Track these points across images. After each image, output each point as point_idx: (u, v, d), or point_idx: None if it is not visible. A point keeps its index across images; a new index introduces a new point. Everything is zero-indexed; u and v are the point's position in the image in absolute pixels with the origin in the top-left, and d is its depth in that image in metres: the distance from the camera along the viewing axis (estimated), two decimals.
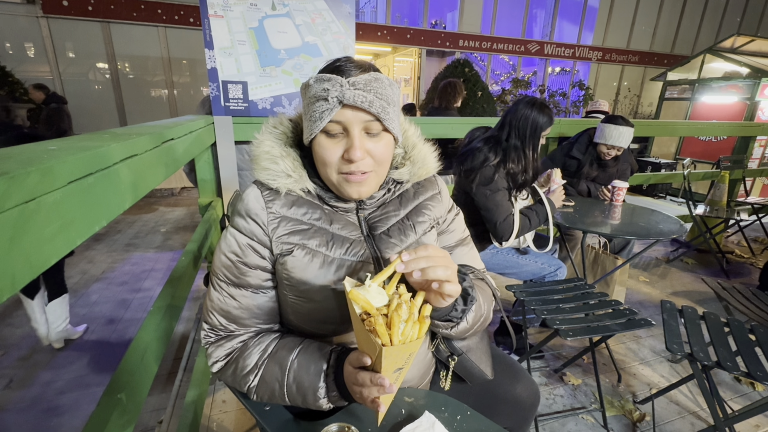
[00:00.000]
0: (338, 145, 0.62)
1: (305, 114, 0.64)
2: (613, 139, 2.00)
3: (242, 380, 0.64)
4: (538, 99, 1.53)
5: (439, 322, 0.63)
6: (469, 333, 0.68)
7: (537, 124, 1.49)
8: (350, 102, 0.59)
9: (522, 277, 1.68)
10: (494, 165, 1.49)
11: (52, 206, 0.48)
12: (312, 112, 0.61)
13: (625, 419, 1.48)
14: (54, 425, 1.68)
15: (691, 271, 2.92)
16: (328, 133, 0.62)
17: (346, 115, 0.60)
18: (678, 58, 11.26)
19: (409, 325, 0.51)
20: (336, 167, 0.64)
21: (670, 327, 1.27)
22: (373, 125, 0.62)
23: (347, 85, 0.59)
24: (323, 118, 0.60)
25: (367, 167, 0.63)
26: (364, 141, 0.62)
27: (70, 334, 2.22)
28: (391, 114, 0.63)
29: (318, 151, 0.64)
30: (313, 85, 0.61)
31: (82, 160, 0.57)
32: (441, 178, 0.84)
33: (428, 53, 10.04)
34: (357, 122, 0.61)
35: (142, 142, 0.83)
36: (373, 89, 0.60)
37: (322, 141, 0.63)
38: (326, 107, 0.59)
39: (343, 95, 0.59)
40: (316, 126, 0.61)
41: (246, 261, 0.65)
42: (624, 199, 2.04)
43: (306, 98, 0.64)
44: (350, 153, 0.61)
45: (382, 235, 0.71)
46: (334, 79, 0.59)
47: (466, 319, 0.64)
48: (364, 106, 0.59)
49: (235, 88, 1.79)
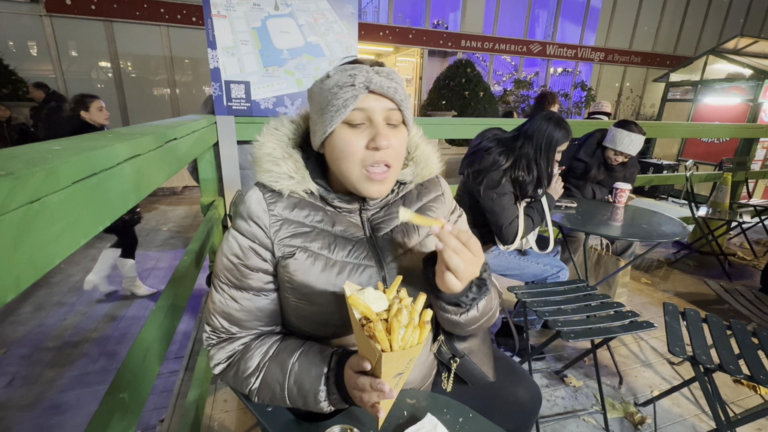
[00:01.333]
0: (361, 135, 0.61)
1: (319, 110, 0.62)
2: (623, 146, 1.97)
3: (244, 382, 0.64)
4: (556, 114, 1.53)
5: (447, 306, 0.63)
6: (476, 326, 0.68)
7: (552, 139, 1.48)
8: (377, 88, 0.59)
9: (524, 278, 1.68)
10: (504, 169, 1.48)
11: (56, 206, 0.48)
12: (332, 103, 0.60)
13: (627, 421, 1.48)
14: (56, 423, 1.69)
15: (693, 273, 2.91)
16: (350, 123, 0.61)
17: (370, 103, 0.60)
18: (680, 59, 11.23)
19: (410, 330, 0.51)
20: (360, 160, 0.62)
21: (672, 329, 1.26)
22: (394, 115, 0.62)
23: (372, 72, 0.59)
24: (347, 105, 0.59)
25: (390, 158, 0.63)
26: (387, 131, 0.62)
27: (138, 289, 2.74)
28: (408, 106, 0.64)
29: (338, 145, 0.62)
30: (333, 76, 0.61)
31: (87, 160, 0.57)
32: (444, 179, 0.84)
33: (430, 53, 10.04)
34: (380, 110, 0.61)
35: (146, 141, 0.83)
36: (394, 80, 0.61)
37: (344, 133, 0.61)
38: (352, 93, 0.58)
39: (370, 80, 0.59)
40: (338, 115, 0.59)
41: (247, 264, 0.65)
42: (627, 202, 2.03)
43: (323, 91, 0.61)
44: (377, 140, 0.60)
45: (384, 237, 0.70)
46: (359, 67, 0.60)
47: (477, 307, 0.64)
48: (389, 93, 0.60)
49: (237, 88, 1.80)
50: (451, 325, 0.68)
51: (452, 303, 0.63)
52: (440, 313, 0.66)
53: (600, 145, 2.13)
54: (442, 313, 0.65)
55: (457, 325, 0.67)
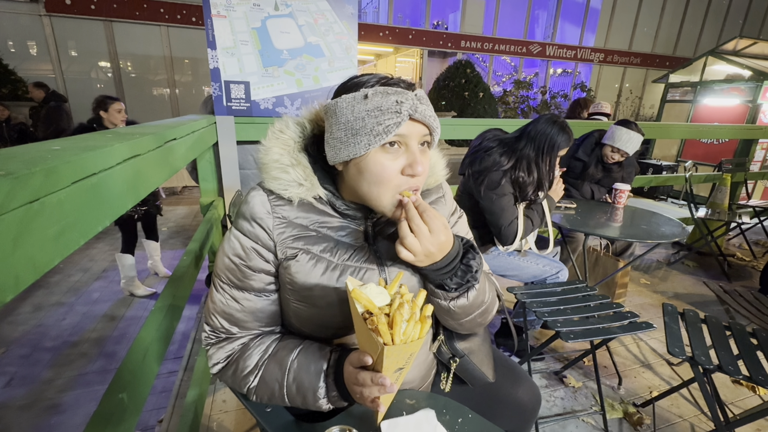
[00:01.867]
0: (396, 161, 0.60)
1: (350, 130, 0.59)
2: (621, 143, 1.98)
3: (242, 381, 0.64)
4: (560, 118, 1.52)
5: (434, 287, 0.64)
6: (470, 317, 0.68)
7: (554, 143, 1.48)
8: (420, 116, 0.58)
9: (523, 279, 1.68)
10: (504, 170, 1.48)
11: (55, 206, 0.48)
12: (371, 128, 0.58)
13: (626, 422, 1.48)
14: (54, 423, 1.68)
15: (693, 274, 2.92)
16: (386, 146, 0.59)
17: (409, 129, 0.59)
18: (680, 60, 11.25)
19: (411, 324, 0.52)
20: (395, 185, 0.60)
21: (671, 330, 1.27)
22: (427, 139, 0.62)
23: (416, 100, 0.59)
24: (389, 131, 0.57)
25: (421, 182, 0.63)
26: (420, 155, 0.61)
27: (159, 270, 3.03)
28: (437, 130, 0.63)
29: (372, 169, 0.60)
30: (372, 98, 0.58)
31: (86, 161, 0.57)
32: (445, 181, 0.84)
33: (430, 54, 10.05)
34: (417, 136, 0.60)
35: (145, 142, 0.83)
36: (429, 104, 0.61)
37: (379, 157, 0.60)
38: (395, 120, 0.57)
39: (416, 109, 0.58)
40: (377, 140, 0.58)
41: (250, 264, 0.65)
42: (626, 203, 2.03)
43: (358, 112, 0.58)
44: (414, 168, 0.59)
45: (386, 240, 0.70)
46: (402, 92, 0.58)
47: (467, 296, 0.64)
48: (429, 120, 0.60)
49: (237, 88, 1.80)
50: (444, 313, 0.68)
51: (436, 284, 0.64)
52: (433, 300, 0.66)
53: (598, 144, 2.14)
54: (432, 297, 0.66)
55: (449, 314, 0.67)
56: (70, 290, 2.86)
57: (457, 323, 0.70)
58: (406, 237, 0.57)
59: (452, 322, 0.70)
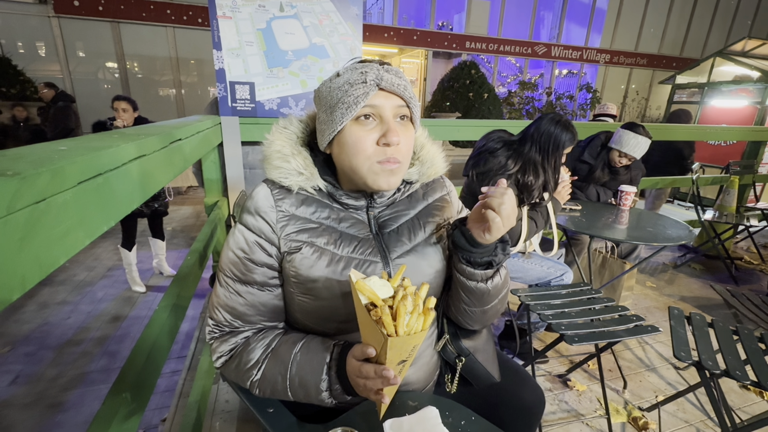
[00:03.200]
0: (371, 132, 0.62)
1: (328, 108, 0.63)
2: (629, 147, 1.96)
3: (245, 375, 0.65)
4: (563, 117, 1.51)
5: (477, 270, 0.65)
6: (497, 300, 0.71)
7: (559, 142, 1.47)
8: (387, 85, 0.60)
9: (527, 281, 1.67)
10: (509, 174, 1.48)
11: (62, 207, 0.48)
12: (343, 100, 0.61)
13: (630, 426, 1.46)
14: (59, 421, 1.70)
15: (699, 277, 2.89)
16: (359, 119, 0.62)
17: (380, 100, 0.61)
18: (687, 61, 11.16)
19: (414, 316, 0.52)
20: (370, 155, 0.62)
21: (677, 334, 1.25)
22: (403, 112, 0.64)
23: (383, 70, 0.61)
24: (358, 102, 0.60)
25: (400, 155, 0.63)
26: (397, 126, 0.63)
27: (164, 269, 3.09)
28: (416, 104, 0.65)
29: (348, 141, 0.63)
30: (343, 75, 0.62)
31: (93, 161, 0.57)
32: (449, 180, 0.84)
33: (435, 55, 10.05)
34: (390, 107, 0.62)
35: (151, 142, 0.83)
36: (403, 79, 0.63)
37: (354, 129, 0.62)
38: (363, 90, 0.59)
39: (381, 78, 0.60)
40: (349, 112, 0.60)
41: (253, 258, 0.65)
42: (632, 205, 2.01)
43: (332, 90, 0.63)
44: (388, 136, 0.61)
45: (391, 234, 0.71)
46: (368, 65, 0.61)
47: (500, 274, 0.68)
48: (399, 90, 0.61)
49: (242, 89, 1.80)
50: (477, 299, 0.70)
51: (483, 264, 0.66)
52: (469, 284, 0.68)
53: (604, 147, 2.12)
54: (471, 282, 0.67)
55: (483, 298, 0.69)
56: (75, 289, 2.88)
57: (482, 310, 0.72)
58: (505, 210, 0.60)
59: (478, 309, 0.72)
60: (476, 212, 0.62)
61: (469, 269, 0.66)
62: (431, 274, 0.71)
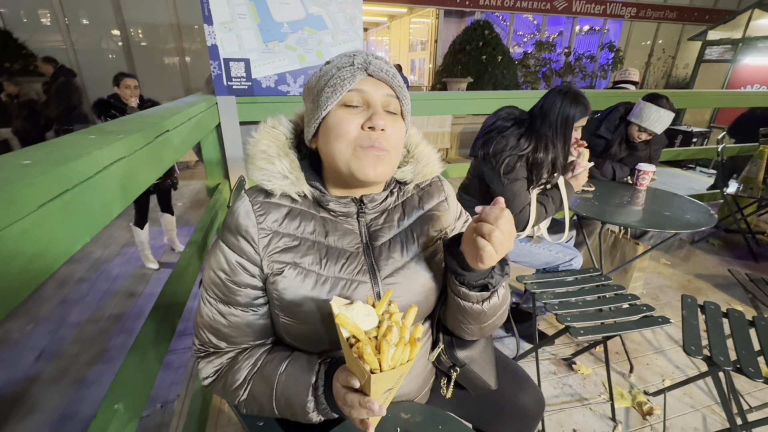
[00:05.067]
0: (357, 116, 0.60)
1: (315, 96, 0.61)
2: (650, 122, 1.81)
3: (232, 394, 0.64)
4: (573, 88, 1.40)
5: (472, 292, 0.62)
6: (495, 318, 0.67)
7: (568, 116, 1.37)
8: (375, 71, 0.59)
9: (534, 265, 1.63)
10: (520, 154, 1.39)
11: (19, 237, 0.45)
12: (329, 83, 0.59)
13: (634, 411, 1.46)
14: (81, 396, 1.79)
15: (717, 254, 2.79)
16: (346, 105, 0.60)
17: (368, 86, 0.59)
18: (722, 13, 10.26)
19: (400, 348, 0.49)
20: (354, 140, 0.59)
21: (689, 325, 1.21)
22: (392, 102, 0.62)
23: (372, 56, 0.61)
24: (344, 84, 0.58)
25: (387, 143, 0.60)
26: (384, 116, 0.60)
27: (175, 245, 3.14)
28: (406, 98, 0.63)
29: (331, 125, 0.60)
30: (332, 61, 0.62)
31: (57, 177, 0.53)
32: (447, 181, 0.78)
33: (446, 14, 9.45)
34: (378, 95, 0.60)
35: (132, 141, 0.79)
36: (392, 68, 0.62)
37: (339, 113, 0.60)
38: (350, 72, 0.58)
39: (369, 62, 0.59)
40: (335, 95, 0.58)
41: (235, 280, 0.62)
42: (649, 184, 1.89)
43: (320, 78, 0.61)
44: (373, 119, 0.58)
45: (382, 248, 0.66)
46: (358, 51, 0.61)
47: (498, 294, 0.64)
48: (388, 77, 0.60)
49: (237, 66, 1.72)
50: (473, 319, 0.66)
51: (478, 286, 0.62)
52: (464, 305, 0.64)
53: (623, 120, 1.97)
54: (466, 303, 0.64)
55: (479, 317, 0.65)
56: (92, 267, 2.97)
57: (480, 327, 0.69)
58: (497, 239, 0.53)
59: (475, 326, 0.68)
60: (468, 236, 0.57)
61: (464, 290, 0.62)
62: (423, 293, 0.67)
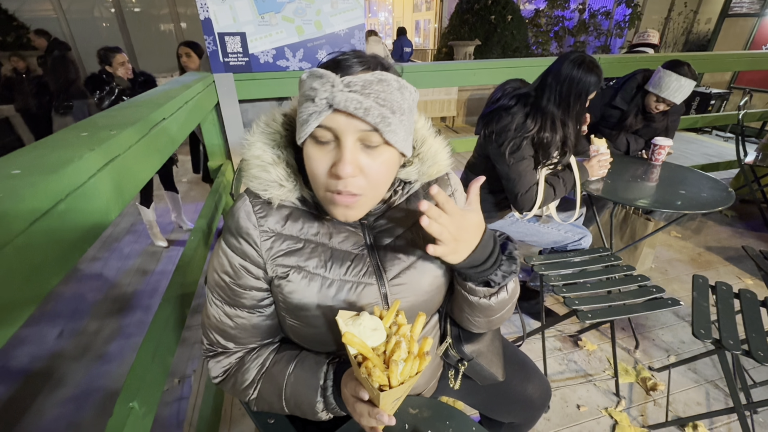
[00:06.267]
0: (327, 155, 0.53)
1: (297, 112, 0.55)
2: (669, 92, 1.69)
3: (242, 393, 0.65)
4: (587, 56, 1.29)
5: (477, 287, 0.60)
6: (503, 311, 0.65)
7: (584, 88, 1.27)
8: (341, 107, 0.49)
9: (543, 244, 1.60)
10: (528, 135, 1.31)
11: (13, 258, 0.44)
12: (300, 113, 0.53)
13: (638, 386, 1.48)
14: (103, 372, 1.87)
15: (730, 225, 2.73)
16: (316, 139, 0.52)
17: (337, 121, 0.50)
18: None
19: (408, 364, 0.49)
20: (324, 184, 0.54)
21: (699, 308, 1.19)
22: (371, 136, 0.51)
23: (340, 86, 0.49)
24: (310, 121, 0.51)
25: (357, 188, 0.53)
26: (357, 154, 0.52)
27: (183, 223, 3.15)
28: (394, 125, 0.51)
29: (307, 164, 0.55)
30: (305, 81, 0.52)
31: (48, 189, 0.51)
32: (454, 174, 0.74)
33: None
34: (351, 131, 0.51)
35: (125, 137, 0.76)
36: (373, 93, 0.49)
37: (310, 149, 0.54)
38: (313, 110, 0.50)
39: (333, 98, 0.49)
40: (303, 130, 0.52)
41: (239, 283, 0.61)
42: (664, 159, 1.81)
43: (299, 94, 0.55)
44: (337, 167, 0.51)
45: (387, 249, 0.64)
46: (326, 76, 0.49)
47: (507, 288, 0.61)
48: (359, 113, 0.49)
49: (233, 41, 1.63)
50: (481, 312, 0.65)
51: (481, 282, 0.60)
52: (471, 299, 0.62)
53: (640, 90, 1.86)
54: (473, 297, 0.62)
55: (487, 311, 0.64)
56: (104, 245, 3.02)
57: (488, 320, 0.67)
58: (436, 231, 0.49)
59: (482, 320, 0.67)
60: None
61: (470, 285, 0.60)
62: (431, 291, 0.66)
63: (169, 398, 1.64)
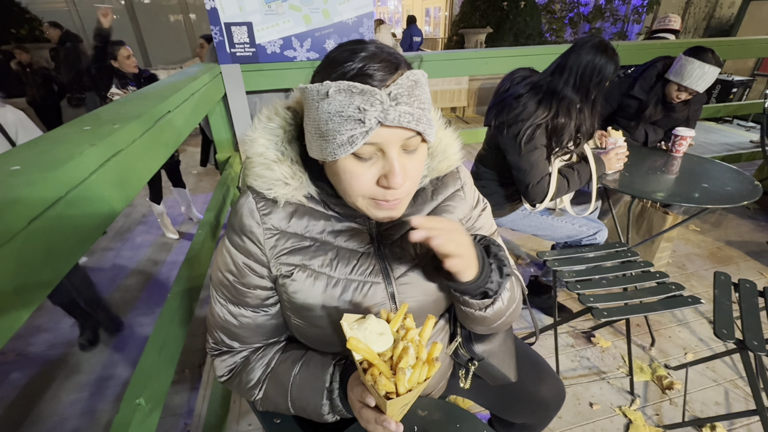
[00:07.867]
0: (370, 169, 0.50)
1: (317, 130, 0.49)
2: (691, 80, 1.61)
3: (248, 393, 0.64)
4: (606, 41, 1.23)
5: (473, 300, 0.57)
6: (503, 320, 0.62)
7: (603, 75, 1.21)
8: (395, 123, 0.46)
9: (556, 239, 1.56)
10: (539, 123, 1.27)
11: (10, 259, 0.42)
12: (335, 134, 0.47)
13: (654, 385, 1.45)
14: (117, 360, 1.90)
15: (752, 218, 2.63)
16: (358, 156, 0.49)
17: (383, 135, 0.47)
18: None
19: (417, 371, 0.46)
20: (366, 193, 0.52)
21: (721, 307, 1.14)
22: (413, 141, 0.49)
23: (388, 101, 0.45)
24: (355, 141, 0.46)
25: (403, 192, 0.53)
26: (403, 161, 0.50)
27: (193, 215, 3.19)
28: (431, 122, 0.50)
29: (342, 177, 0.51)
30: (334, 98, 0.46)
31: (46, 186, 0.50)
32: (464, 167, 0.71)
33: None
34: (396, 141, 0.48)
35: (128, 131, 0.74)
36: (415, 99, 0.47)
37: (349, 165, 0.50)
38: (360, 130, 0.45)
39: (386, 116, 0.45)
40: (341, 150, 0.47)
41: (243, 281, 0.60)
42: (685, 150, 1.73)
43: (321, 112, 0.47)
44: (390, 180, 0.49)
45: (394, 246, 0.62)
46: (368, 92, 0.45)
47: (502, 298, 0.58)
48: (411, 125, 0.46)
49: (239, 31, 1.60)
50: (478, 323, 0.62)
51: (478, 294, 0.57)
52: (466, 311, 0.60)
53: (660, 78, 1.78)
54: (468, 309, 0.59)
55: (484, 322, 0.61)
56: (116, 235, 3.06)
57: (488, 328, 0.65)
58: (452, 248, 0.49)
59: (482, 327, 0.65)
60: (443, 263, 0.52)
61: (464, 298, 0.57)
62: (439, 291, 0.63)
63: (178, 388, 1.66)
